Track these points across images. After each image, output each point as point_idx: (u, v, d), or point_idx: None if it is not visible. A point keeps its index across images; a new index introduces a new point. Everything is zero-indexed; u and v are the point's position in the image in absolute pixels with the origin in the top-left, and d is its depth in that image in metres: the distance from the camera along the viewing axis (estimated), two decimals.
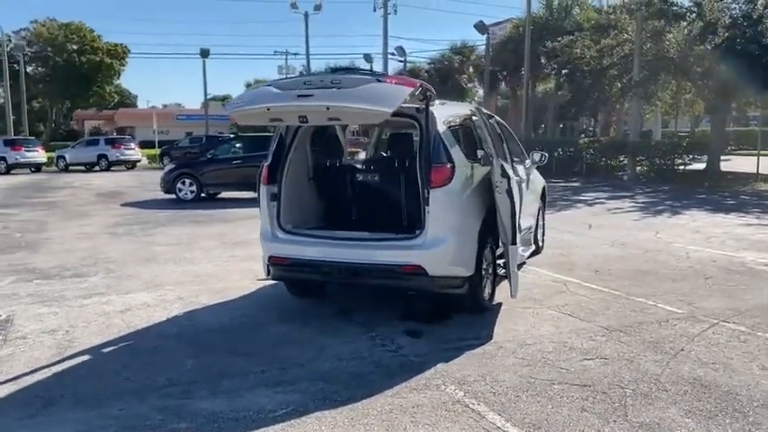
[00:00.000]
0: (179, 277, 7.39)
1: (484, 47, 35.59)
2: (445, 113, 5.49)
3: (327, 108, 4.68)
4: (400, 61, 43.39)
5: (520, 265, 7.33)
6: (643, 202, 15.12)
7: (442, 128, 5.26)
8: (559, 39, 25.62)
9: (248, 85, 77.79)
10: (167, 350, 4.96)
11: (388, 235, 5.34)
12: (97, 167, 32.02)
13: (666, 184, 20.06)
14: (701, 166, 21.97)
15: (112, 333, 5.38)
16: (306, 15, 42.70)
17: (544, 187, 8.77)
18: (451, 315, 5.64)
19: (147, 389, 4.20)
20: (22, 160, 30.65)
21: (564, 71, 27.97)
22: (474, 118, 5.55)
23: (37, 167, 31.42)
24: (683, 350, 4.75)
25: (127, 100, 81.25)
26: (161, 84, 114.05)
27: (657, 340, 4.97)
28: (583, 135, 40.91)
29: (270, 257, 5.59)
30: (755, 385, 4.09)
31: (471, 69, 43.80)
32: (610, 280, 7.00)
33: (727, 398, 3.91)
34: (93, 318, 5.81)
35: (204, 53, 38.57)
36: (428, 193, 5.07)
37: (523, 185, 7.10)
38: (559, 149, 26.72)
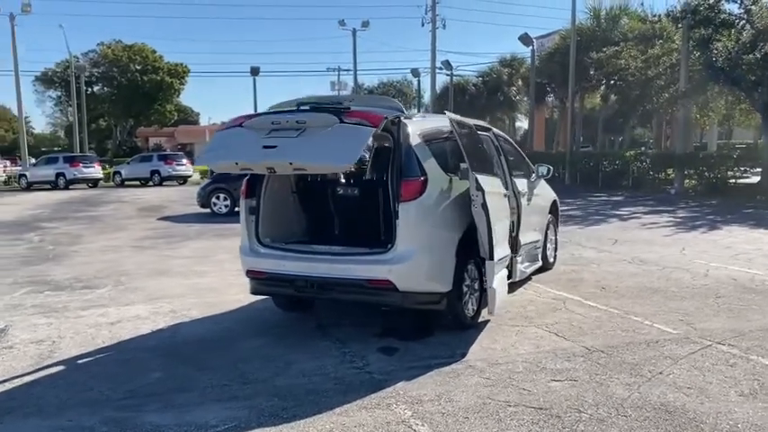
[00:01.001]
0: (182, 290, 7.51)
1: (537, 59, 35.22)
2: (422, 126, 5.40)
3: (290, 163, 4.78)
4: (447, 75, 43.36)
5: (523, 281, 7.19)
6: (682, 217, 14.51)
7: (415, 141, 5.17)
8: (604, 49, 24.99)
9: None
10: (139, 362, 5.02)
11: (360, 249, 5.28)
12: (151, 183, 33.07)
13: (714, 198, 19.23)
14: (757, 179, 20.98)
15: (95, 344, 5.49)
16: (354, 32, 43.19)
17: (554, 201, 8.52)
18: (434, 332, 5.52)
19: (105, 400, 4.25)
20: (80, 176, 32.02)
21: (610, 82, 27.25)
22: (457, 129, 5.41)
23: (94, 183, 32.77)
24: (661, 373, 4.49)
25: (190, 117, 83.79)
26: (222, 101, 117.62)
27: (638, 362, 4.72)
28: (644, 147, 39.70)
29: (247, 271, 5.61)
30: (726, 413, 3.82)
31: (521, 82, 43.34)
32: (613, 298, 6.71)
33: (689, 426, 3.66)
34: (83, 329, 5.95)
35: (254, 71, 39.50)
36: (398, 206, 4.99)
37: (523, 199, 6.91)
38: (606, 162, 26.06)
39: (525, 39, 30.74)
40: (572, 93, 27.49)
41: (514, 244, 6.75)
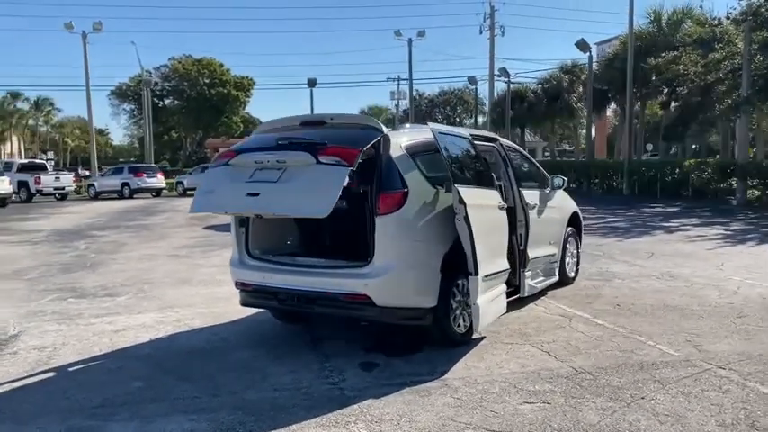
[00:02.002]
0: (195, 299, 7.66)
1: (596, 65, 34.37)
2: (407, 139, 5.32)
3: (273, 213, 5.06)
4: (506, 82, 42.78)
5: (536, 297, 6.97)
6: (734, 230, 13.77)
7: (397, 153, 5.10)
8: (663, 55, 24.09)
9: (362, 112, 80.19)
10: (126, 371, 5.13)
11: (340, 262, 5.24)
12: None
13: None
14: None
15: (92, 352, 5.66)
16: (409, 42, 43.27)
17: (575, 213, 8.22)
18: (422, 348, 5.41)
19: (79, 408, 4.36)
20: (144, 186, 33.31)
21: (669, 89, 26.23)
22: (440, 142, 5.27)
23: (157, 192, 34.03)
24: (643, 398, 4.24)
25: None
26: (287, 111, 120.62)
27: (623, 386, 4.48)
28: (721, 156, 38.02)
29: (236, 283, 5.67)
30: None
31: (581, 89, 42.32)
32: (624, 316, 6.41)
33: None
34: (87, 336, 6.14)
35: (311, 83, 40.13)
36: (375, 219, 4.92)
37: (532, 212, 6.72)
38: (665, 172, 25.08)
39: (582, 45, 30.01)
40: (629, 99, 26.64)
41: (522, 258, 6.57)
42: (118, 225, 17.80)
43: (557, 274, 7.60)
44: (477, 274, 4.98)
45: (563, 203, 7.87)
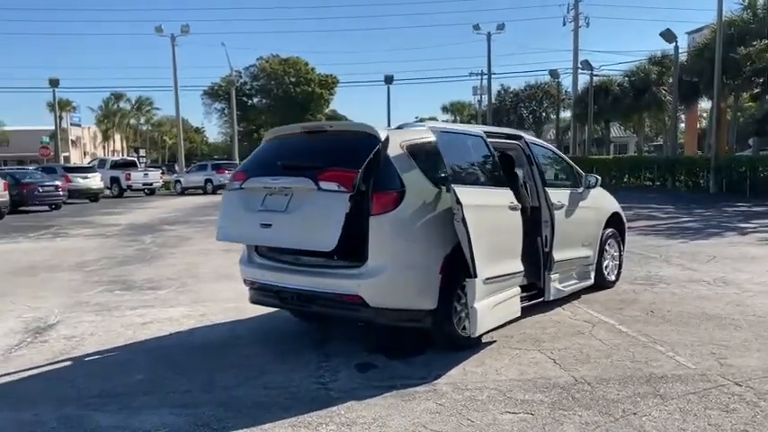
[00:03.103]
0: (227, 294, 7.82)
1: (686, 56, 32.57)
2: (407, 137, 5.21)
3: (285, 246, 5.37)
4: (589, 74, 41.24)
5: (566, 300, 6.69)
6: None
7: (395, 152, 5.00)
8: (754, 43, 22.49)
9: (444, 109, 79.66)
10: (134, 363, 5.32)
11: (338, 263, 5.20)
12: None
13: None
14: None
15: (113, 343, 5.91)
16: (488, 36, 42.57)
17: (616, 214, 7.80)
18: (425, 350, 5.31)
19: (76, 398, 4.55)
20: (225, 182, 34.50)
21: (762, 79, 24.46)
22: (439, 141, 5.11)
23: None
24: (635, 414, 3.97)
25: None
26: (368, 108, 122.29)
27: (619, 399, 4.21)
28: None
29: (244, 280, 5.76)
30: None
31: (672, 81, 40.19)
32: (654, 324, 6.04)
33: None
34: (114, 328, 6.43)
35: (388, 79, 40.31)
36: (369, 219, 4.85)
37: (559, 212, 6.44)
38: (756, 168, 23.46)
39: (668, 35, 28.48)
40: (717, 91, 25.06)
41: (547, 260, 6.34)
42: (189, 220, 18.54)
43: (592, 277, 7.26)
44: (475, 276, 4.83)
45: (600, 203, 7.49)
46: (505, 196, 5.54)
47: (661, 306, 6.70)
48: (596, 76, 40.48)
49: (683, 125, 47.76)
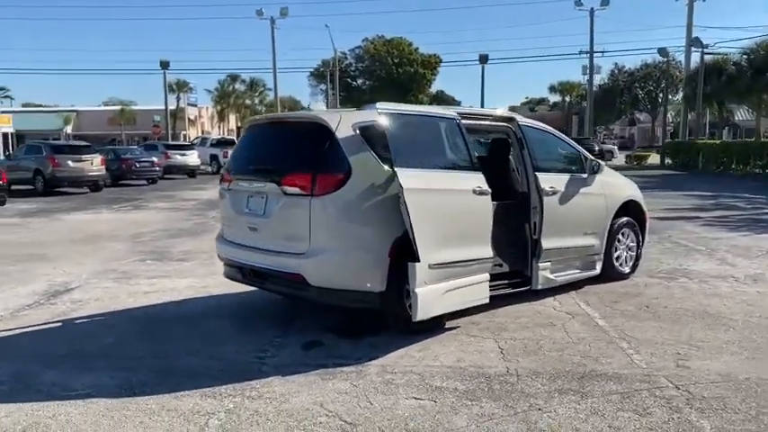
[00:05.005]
0: None
1: None
2: (362, 118, 5.19)
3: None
4: (700, 52, 38.40)
5: (563, 289, 6.47)
6: None
7: (346, 134, 5.01)
8: None
9: (552, 89, 76.94)
10: (113, 328, 5.72)
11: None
12: None
13: None
14: None
15: (108, 309, 6.36)
16: (591, 12, 40.62)
17: (631, 202, 7.31)
18: (379, 333, 5.32)
19: (43, 356, 4.95)
20: None
21: None
22: (389, 124, 5.03)
23: None
24: (540, 410, 3.82)
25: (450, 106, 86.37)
26: (468, 88, 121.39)
27: (535, 393, 4.06)
28: None
29: (218, 256, 6.01)
30: None
31: None
32: (639, 320, 5.69)
33: None
34: (119, 295, 6.90)
35: (483, 59, 39.58)
36: (311, 200, 4.90)
37: (550, 198, 6.18)
38: None
39: None
40: None
41: (535, 248, 6.14)
42: None
43: (597, 268, 6.91)
44: (418, 260, 4.78)
45: (610, 190, 7.05)
46: (472, 180, 5.40)
47: (661, 302, 6.28)
48: (709, 54, 37.66)
49: None
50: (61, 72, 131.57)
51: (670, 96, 59.19)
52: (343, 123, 5.05)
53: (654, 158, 39.96)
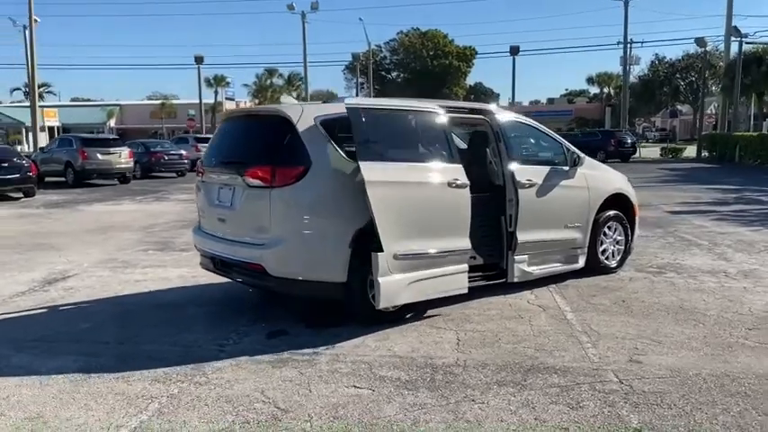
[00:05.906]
0: None
1: None
2: (325, 111, 5.26)
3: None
4: (747, 43, 37.21)
5: (544, 282, 6.45)
6: None
7: (307, 126, 5.08)
8: None
9: (589, 80, 75.48)
10: (92, 315, 5.93)
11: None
12: None
13: None
14: None
15: (95, 296, 6.59)
16: (626, 3, 39.71)
17: (618, 195, 7.19)
18: (342, 323, 5.38)
19: (17, 340, 5.14)
20: None
21: None
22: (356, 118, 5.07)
23: None
24: (473, 401, 3.84)
25: (488, 99, 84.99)
26: (503, 79, 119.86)
27: (475, 385, 4.08)
28: None
29: (195, 246, 6.16)
30: None
31: None
32: (609, 314, 5.63)
33: None
34: (111, 283, 7.14)
35: (514, 50, 39.10)
36: (271, 192, 5.00)
37: (526, 191, 6.16)
38: None
39: None
40: None
41: (510, 241, 6.14)
42: None
43: (581, 261, 6.85)
44: (381, 250, 4.85)
45: (594, 183, 6.95)
46: (448, 173, 5.41)
47: (640, 296, 6.20)
48: (749, 43, 36.49)
49: None
50: (109, 67, 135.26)
51: (713, 88, 57.58)
52: (305, 117, 5.13)
53: (690, 151, 38.97)
